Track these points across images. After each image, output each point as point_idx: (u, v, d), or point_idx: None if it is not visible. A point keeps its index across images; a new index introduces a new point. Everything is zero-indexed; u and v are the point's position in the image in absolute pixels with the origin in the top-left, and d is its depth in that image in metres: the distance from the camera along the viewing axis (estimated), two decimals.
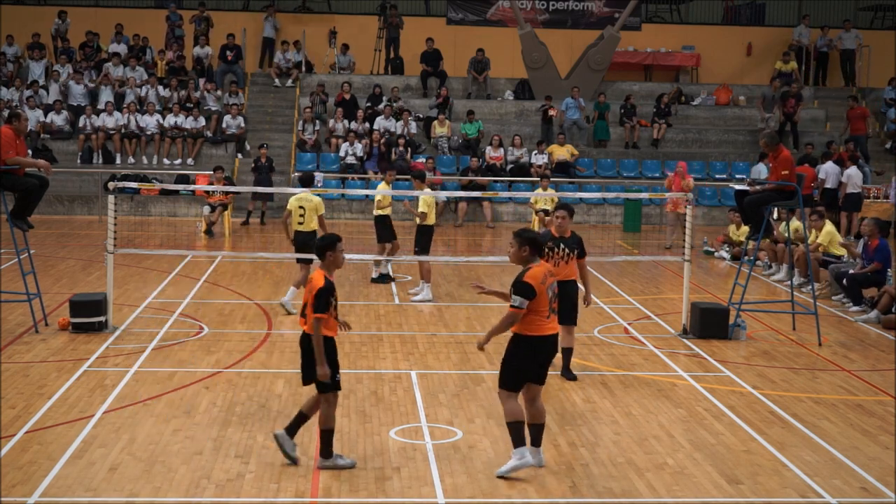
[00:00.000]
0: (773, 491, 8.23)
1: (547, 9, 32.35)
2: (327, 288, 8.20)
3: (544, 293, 8.21)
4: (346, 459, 8.46)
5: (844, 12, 33.76)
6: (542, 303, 8.20)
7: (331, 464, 8.36)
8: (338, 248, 8.45)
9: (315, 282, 8.23)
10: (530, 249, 8.29)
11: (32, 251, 14.31)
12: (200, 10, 30.39)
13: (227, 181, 22.87)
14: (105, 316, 13.04)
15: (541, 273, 8.24)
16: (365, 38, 31.30)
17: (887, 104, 30.38)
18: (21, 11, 31.25)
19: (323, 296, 8.16)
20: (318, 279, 8.24)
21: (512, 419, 8.30)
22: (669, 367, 11.98)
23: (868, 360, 12.64)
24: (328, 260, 8.42)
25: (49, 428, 9.30)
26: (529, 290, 8.12)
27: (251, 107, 29.59)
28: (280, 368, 11.54)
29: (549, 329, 8.34)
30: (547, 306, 8.25)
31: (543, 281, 8.22)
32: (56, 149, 26.70)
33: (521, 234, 8.35)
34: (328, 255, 8.41)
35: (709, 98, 31.11)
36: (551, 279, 8.36)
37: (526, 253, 8.29)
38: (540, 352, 8.33)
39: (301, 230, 14.72)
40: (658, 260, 19.68)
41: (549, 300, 8.28)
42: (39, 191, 13.12)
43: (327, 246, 8.42)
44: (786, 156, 13.29)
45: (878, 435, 9.72)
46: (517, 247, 8.29)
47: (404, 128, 27.77)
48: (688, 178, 21.79)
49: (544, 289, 8.21)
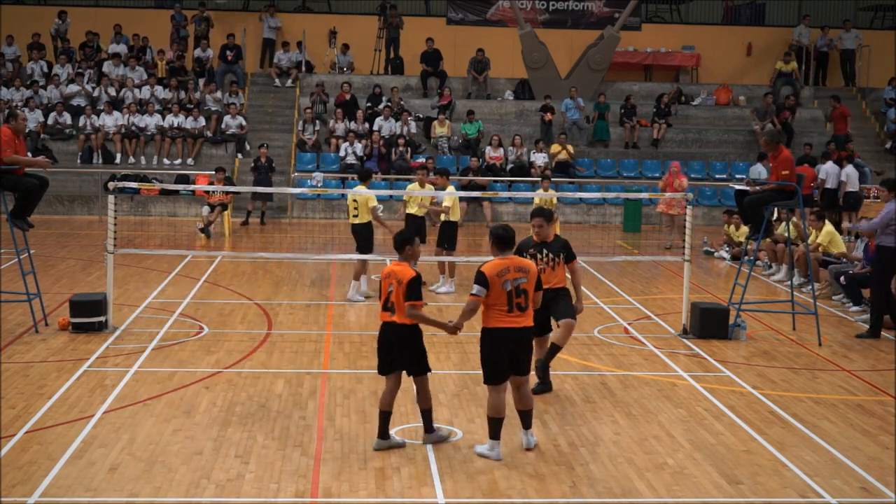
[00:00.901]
0: (773, 491, 8.23)
1: (547, 9, 32.35)
2: (419, 278, 8.73)
3: (498, 286, 8.53)
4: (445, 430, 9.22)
5: (844, 12, 33.76)
6: (497, 295, 8.54)
7: (436, 437, 9.04)
8: (416, 242, 8.95)
9: (405, 273, 8.68)
10: (495, 246, 8.79)
11: (32, 251, 14.31)
12: (200, 10, 30.40)
13: (228, 182, 22.87)
14: (105, 316, 13.03)
15: (499, 265, 8.63)
16: (365, 38, 31.30)
17: (887, 104, 30.38)
18: (21, 11, 31.25)
19: (416, 284, 8.66)
20: (407, 271, 8.70)
21: (492, 414, 8.71)
22: (669, 367, 11.98)
23: (868, 360, 12.64)
24: (407, 253, 8.87)
25: (49, 428, 9.30)
26: (481, 278, 8.56)
27: (251, 107, 29.60)
28: (280, 368, 11.54)
29: (512, 322, 8.60)
30: (504, 300, 8.55)
31: (500, 273, 8.56)
32: (56, 149, 26.70)
33: (490, 231, 8.91)
34: (407, 249, 8.87)
35: (709, 98, 31.11)
36: (514, 274, 8.61)
37: (492, 249, 8.83)
38: (501, 344, 8.63)
39: (355, 223, 15.46)
40: (658, 260, 19.68)
41: (509, 294, 8.56)
42: (39, 191, 13.12)
43: (406, 240, 8.89)
44: (786, 156, 13.29)
45: (878, 435, 9.72)
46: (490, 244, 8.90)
47: (404, 128, 27.79)
48: (681, 178, 21.77)
49: (499, 281, 8.54)
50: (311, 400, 10.32)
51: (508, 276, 8.59)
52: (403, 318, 8.70)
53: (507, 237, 8.80)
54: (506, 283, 8.56)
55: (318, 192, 17.71)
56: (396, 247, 8.91)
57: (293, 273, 17.76)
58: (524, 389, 8.88)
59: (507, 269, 8.62)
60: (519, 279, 8.62)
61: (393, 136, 27.43)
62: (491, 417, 8.72)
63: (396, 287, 8.70)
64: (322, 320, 14.11)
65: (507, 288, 8.56)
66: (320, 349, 12.45)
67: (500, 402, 8.67)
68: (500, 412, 8.69)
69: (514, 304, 8.58)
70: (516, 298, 8.59)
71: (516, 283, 8.60)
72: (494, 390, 8.70)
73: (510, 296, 8.57)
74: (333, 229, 23.48)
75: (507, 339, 8.64)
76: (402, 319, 8.71)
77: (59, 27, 30.16)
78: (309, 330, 13.50)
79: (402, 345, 8.78)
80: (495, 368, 8.70)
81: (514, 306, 8.59)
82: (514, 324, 8.60)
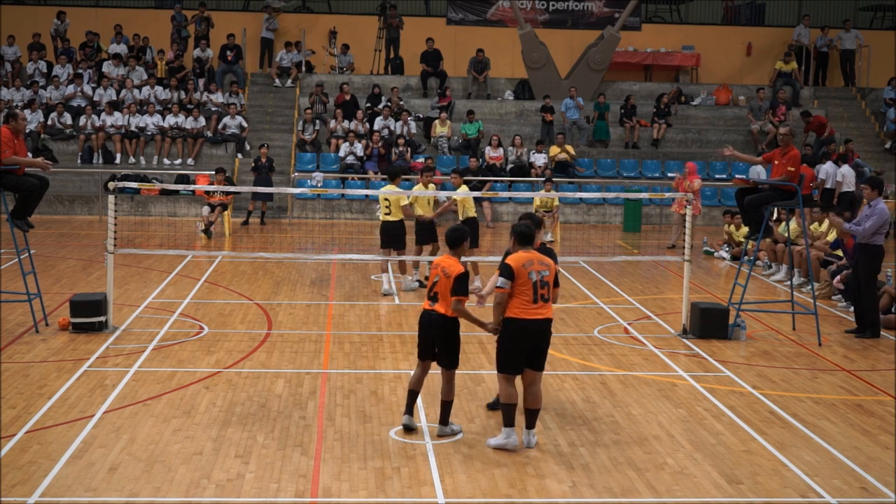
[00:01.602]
0: (773, 491, 8.23)
1: (547, 9, 32.35)
2: (467, 274, 9.05)
3: (524, 275, 8.75)
4: (457, 426, 9.30)
5: (844, 12, 33.77)
6: (522, 284, 8.75)
7: (449, 431, 9.20)
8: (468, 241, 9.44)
9: (454, 268, 8.99)
10: (516, 240, 9.04)
11: (32, 251, 14.32)
12: (200, 10, 30.40)
13: (228, 182, 22.88)
14: (105, 316, 13.04)
15: (523, 257, 8.85)
16: (365, 38, 31.30)
17: (887, 104, 30.38)
18: (21, 11, 31.26)
19: (464, 280, 8.96)
20: (456, 265, 9.03)
21: (505, 400, 8.93)
22: (669, 367, 11.98)
23: (868, 360, 12.64)
24: (462, 248, 9.24)
25: (49, 428, 9.30)
26: (508, 270, 8.78)
27: (251, 107, 29.60)
28: (280, 368, 11.54)
29: (535, 314, 8.79)
30: (530, 289, 8.75)
31: (526, 265, 8.78)
32: (56, 149, 26.71)
33: (512, 228, 9.15)
34: (464, 245, 9.25)
35: (709, 98, 31.11)
36: (538, 266, 8.83)
37: (514, 244, 9.07)
38: (524, 335, 8.82)
39: (387, 220, 15.79)
40: (658, 260, 19.68)
41: (534, 284, 8.75)
42: (40, 191, 13.12)
43: (463, 237, 9.27)
44: (795, 154, 13.40)
45: (878, 435, 9.72)
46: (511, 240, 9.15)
47: (404, 128, 27.79)
48: (690, 179, 21.68)
49: (525, 271, 8.76)
50: (311, 400, 10.32)
51: (533, 268, 8.81)
52: (447, 309, 8.99)
53: (528, 234, 9.03)
54: (531, 273, 8.78)
55: (318, 192, 17.68)
56: (451, 243, 9.22)
57: (293, 273, 17.76)
58: (536, 388, 9.00)
59: (531, 261, 8.85)
60: (543, 271, 8.84)
61: (392, 135, 27.42)
62: (504, 404, 8.92)
63: (443, 279, 9.00)
64: (322, 320, 14.11)
65: (534, 278, 8.77)
66: (320, 349, 12.45)
67: (511, 389, 8.90)
68: (512, 398, 8.91)
69: (538, 295, 8.77)
70: (541, 289, 8.78)
71: (541, 275, 8.81)
72: (506, 380, 8.91)
73: (535, 286, 8.76)
74: (333, 229, 23.49)
75: (529, 330, 8.81)
76: (444, 310, 9.02)
77: (59, 27, 30.16)
78: (309, 330, 13.50)
79: (440, 336, 9.09)
80: (513, 359, 8.89)
81: (539, 297, 8.77)
82: (537, 315, 8.79)
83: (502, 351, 8.95)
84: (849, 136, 28.80)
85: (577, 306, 15.43)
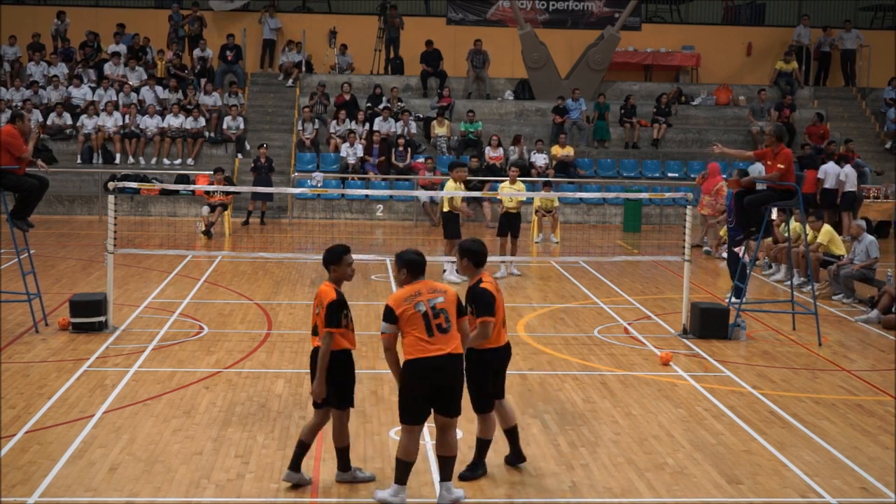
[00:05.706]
0: (773, 491, 8.23)
1: (547, 9, 32.34)
2: (340, 301, 7.81)
3: (410, 310, 7.55)
4: (365, 473, 8.20)
5: (844, 12, 33.74)
6: (409, 321, 7.55)
7: (350, 477, 8.12)
8: (344, 260, 8.01)
9: (326, 295, 7.81)
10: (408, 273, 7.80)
11: (32, 251, 14.31)
12: (194, 9, 30.43)
13: (228, 182, 22.88)
14: (105, 316, 13.04)
15: (406, 292, 7.66)
16: (365, 38, 31.30)
17: (887, 104, 30.38)
18: (21, 11, 31.25)
19: (335, 309, 7.77)
20: (328, 292, 7.83)
21: (401, 456, 7.66)
22: (669, 367, 11.97)
23: (868, 360, 12.65)
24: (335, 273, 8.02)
25: (49, 428, 9.30)
26: (387, 312, 7.64)
27: (251, 107, 29.59)
28: (280, 368, 11.54)
29: (433, 350, 7.53)
30: (420, 322, 7.54)
31: (408, 299, 7.59)
32: (56, 149, 26.70)
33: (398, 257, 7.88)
34: (333, 269, 8.01)
35: (709, 98, 31.11)
36: (428, 295, 7.62)
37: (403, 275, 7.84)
38: (420, 377, 7.55)
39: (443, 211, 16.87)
40: (658, 260, 19.68)
41: (424, 315, 7.55)
42: (40, 191, 13.14)
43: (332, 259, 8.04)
44: (787, 152, 13.35)
45: (878, 435, 9.72)
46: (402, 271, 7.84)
47: (404, 128, 27.78)
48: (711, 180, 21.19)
49: (409, 306, 7.56)
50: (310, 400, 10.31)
51: (421, 298, 7.60)
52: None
53: (419, 262, 7.81)
54: (418, 305, 7.57)
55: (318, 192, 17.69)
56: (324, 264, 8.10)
57: (293, 273, 17.75)
58: (449, 435, 7.71)
59: (417, 292, 7.63)
60: (434, 299, 7.62)
61: (392, 134, 27.41)
62: (399, 459, 7.65)
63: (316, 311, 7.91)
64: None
65: (422, 309, 7.56)
66: None
67: (411, 444, 7.63)
68: (410, 455, 7.65)
69: (434, 326, 7.54)
70: (435, 319, 7.55)
71: (432, 304, 7.59)
72: (409, 431, 7.63)
73: (426, 317, 7.54)
74: (333, 229, 23.47)
75: (428, 369, 7.52)
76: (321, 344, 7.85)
77: (59, 27, 30.16)
78: (309, 330, 13.47)
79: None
80: (412, 406, 7.62)
81: (436, 328, 7.53)
82: (437, 351, 7.50)
83: (400, 398, 7.68)
84: (849, 136, 28.80)
85: (577, 306, 15.43)
